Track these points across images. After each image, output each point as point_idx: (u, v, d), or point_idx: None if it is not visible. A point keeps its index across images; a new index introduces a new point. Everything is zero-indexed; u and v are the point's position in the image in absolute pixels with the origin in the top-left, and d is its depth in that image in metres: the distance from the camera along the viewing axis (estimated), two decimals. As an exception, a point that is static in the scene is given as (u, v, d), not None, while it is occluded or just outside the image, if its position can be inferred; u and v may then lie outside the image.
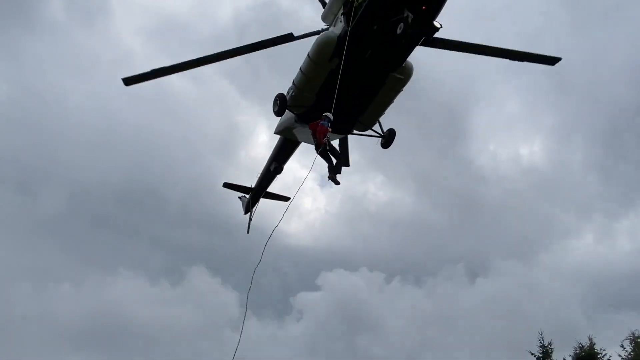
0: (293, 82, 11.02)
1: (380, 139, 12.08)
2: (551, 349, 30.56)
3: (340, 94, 10.16)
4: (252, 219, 16.70)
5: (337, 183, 11.53)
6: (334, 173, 11.43)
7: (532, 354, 30.73)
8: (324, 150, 11.10)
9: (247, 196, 16.80)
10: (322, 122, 11.21)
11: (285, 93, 11.26)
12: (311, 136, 12.63)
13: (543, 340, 31.08)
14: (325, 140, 11.13)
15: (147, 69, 11.43)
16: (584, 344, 27.53)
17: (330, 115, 11.18)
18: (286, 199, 17.49)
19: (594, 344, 27.52)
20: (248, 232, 17.18)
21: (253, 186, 16.18)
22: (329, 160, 11.56)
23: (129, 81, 11.46)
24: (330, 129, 10.67)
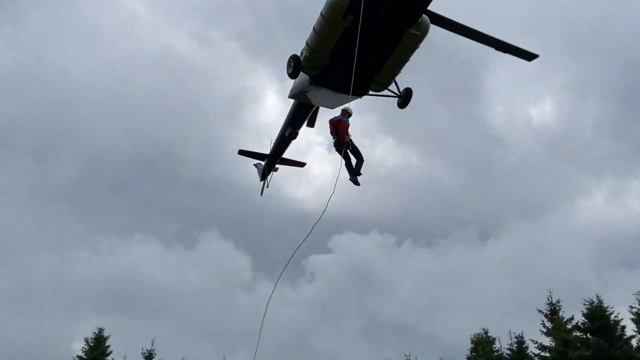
0: (306, 42, 10.89)
1: (397, 98, 12.03)
2: (559, 306, 31.24)
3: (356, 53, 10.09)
4: (268, 185, 16.86)
5: (357, 184, 11.37)
6: (355, 174, 11.28)
7: (540, 311, 31.48)
8: (345, 149, 11.01)
9: (263, 163, 16.91)
10: (343, 118, 11.15)
11: (299, 54, 11.18)
12: (327, 100, 12.60)
13: (551, 298, 31.76)
14: (348, 138, 11.05)
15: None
16: (593, 301, 27.89)
17: (350, 109, 11.13)
18: (302, 164, 17.63)
19: (602, 301, 27.90)
20: (262, 195, 17.31)
21: (268, 152, 16.28)
22: (348, 159, 11.39)
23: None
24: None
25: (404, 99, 11.92)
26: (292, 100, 13.48)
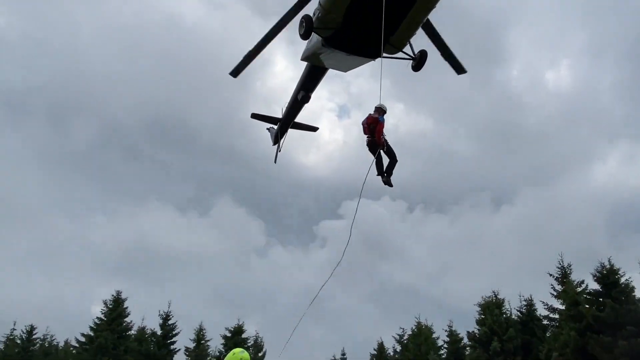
0: (319, 2, 10.68)
1: (411, 61, 11.82)
2: (570, 270, 31.47)
3: (369, 13, 9.87)
4: (281, 149, 16.86)
5: (390, 185, 10.93)
6: (388, 175, 10.85)
7: (550, 275, 31.76)
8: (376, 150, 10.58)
9: (275, 127, 16.86)
10: (379, 117, 10.59)
11: (311, 15, 10.96)
12: (340, 63, 12.40)
13: (562, 262, 31.96)
14: (384, 138, 10.60)
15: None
16: (604, 264, 27.97)
17: (384, 106, 10.65)
18: (314, 129, 17.54)
19: (613, 264, 27.96)
20: (275, 162, 17.36)
21: (281, 117, 16.20)
22: (379, 158, 10.91)
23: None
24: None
25: (419, 61, 11.70)
26: (305, 63, 13.32)
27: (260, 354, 40.30)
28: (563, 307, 29.05)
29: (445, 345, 39.15)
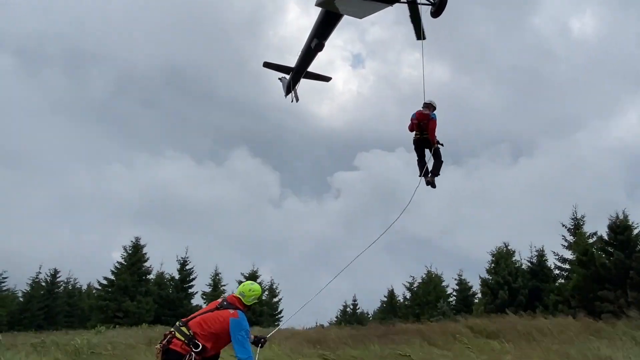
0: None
1: (430, 7, 11.40)
2: (583, 221, 31.51)
3: None
4: (298, 99, 16.64)
5: (434, 186, 10.46)
6: (433, 175, 10.35)
7: (563, 225, 31.89)
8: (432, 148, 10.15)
9: (288, 77, 16.60)
10: (431, 114, 10.07)
11: None
12: (355, 8, 11.99)
13: (576, 213, 31.98)
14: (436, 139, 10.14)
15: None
16: (618, 216, 27.85)
17: (434, 102, 10.22)
18: (327, 79, 17.22)
19: (627, 216, 27.84)
20: (297, 101, 16.89)
21: (293, 66, 15.90)
22: (422, 157, 10.48)
23: None
24: None
25: (438, 7, 11.27)
26: (319, 9, 12.91)
27: (275, 299, 41.77)
28: (573, 258, 29.30)
29: (455, 293, 40.11)
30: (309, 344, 15.87)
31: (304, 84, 16.64)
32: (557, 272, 32.16)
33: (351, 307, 48.49)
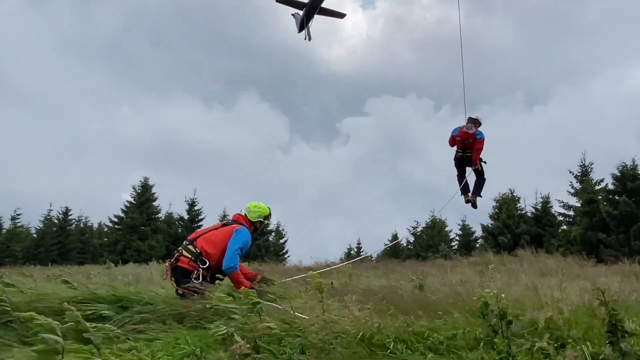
0: None
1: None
2: (591, 168, 31.55)
3: None
4: (310, 37, 16.26)
5: (475, 206, 9.88)
6: (474, 194, 9.77)
7: (571, 172, 31.98)
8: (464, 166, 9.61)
9: (301, 13, 16.13)
10: (477, 132, 9.31)
11: None
12: None
13: (584, 160, 31.97)
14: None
15: None
16: (626, 163, 27.80)
17: (480, 117, 9.53)
18: (342, 15, 16.75)
19: (637, 164, 27.78)
20: (310, 40, 16.57)
21: (307, 0, 15.42)
22: (463, 173, 9.88)
23: None
24: None
25: None
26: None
27: (281, 241, 42.76)
28: (579, 205, 29.56)
29: (457, 238, 40.88)
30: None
31: (315, 24, 16.18)
32: (560, 218, 32.55)
33: (355, 249, 49.63)
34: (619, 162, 27.60)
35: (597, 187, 29.02)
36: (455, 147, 9.79)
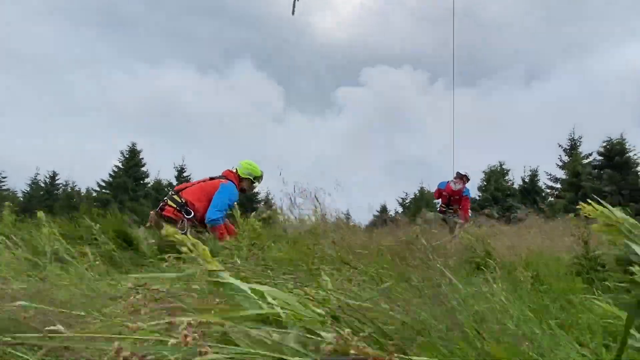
0: None
1: None
2: (580, 142, 31.72)
3: None
4: (293, 11, 15.76)
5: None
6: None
7: (560, 145, 32.17)
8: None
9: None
10: (464, 189, 9.26)
11: None
12: None
13: (574, 133, 32.12)
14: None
15: None
16: (613, 138, 27.90)
17: (468, 174, 9.57)
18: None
19: (624, 139, 27.90)
20: (293, 14, 16.41)
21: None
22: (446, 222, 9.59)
23: None
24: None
25: None
26: None
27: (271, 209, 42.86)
28: (566, 177, 29.82)
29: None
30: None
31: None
32: (548, 191, 32.86)
33: (345, 219, 49.91)
34: (606, 137, 27.78)
35: (585, 161, 29.22)
36: (439, 202, 9.82)
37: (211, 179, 5.61)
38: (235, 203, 5.25)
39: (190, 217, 5.12)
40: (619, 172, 25.52)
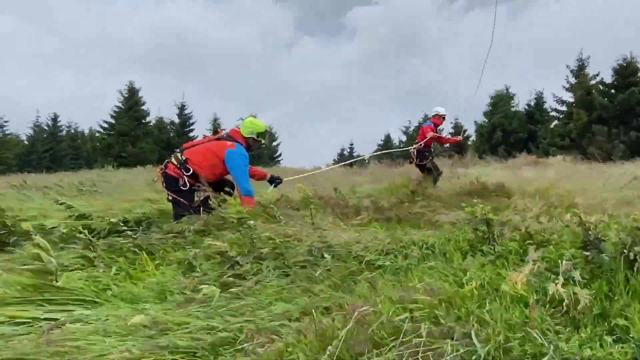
0: None
1: None
2: (588, 62, 30.94)
3: None
4: None
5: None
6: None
7: (567, 66, 31.44)
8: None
9: None
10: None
11: None
12: None
13: (582, 54, 31.26)
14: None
15: None
16: (625, 57, 27.14)
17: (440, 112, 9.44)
18: None
19: (634, 57, 27.17)
20: None
21: None
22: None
23: None
24: None
25: None
26: None
27: (274, 143, 42.85)
28: (573, 100, 29.39)
29: (449, 136, 40.95)
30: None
31: None
32: (553, 114, 32.53)
33: (348, 150, 50.07)
34: (620, 55, 27.00)
35: (592, 82, 28.66)
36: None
37: (217, 139, 5.67)
38: None
39: (189, 174, 5.24)
40: (629, 94, 25.02)
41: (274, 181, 5.93)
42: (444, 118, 9.80)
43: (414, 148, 9.60)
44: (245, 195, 5.26)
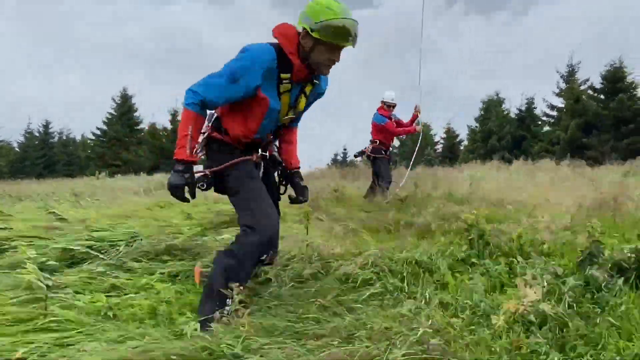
0: None
1: None
2: (578, 67, 31.24)
3: None
4: None
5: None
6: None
7: (557, 72, 31.73)
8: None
9: None
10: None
11: None
12: None
13: (572, 59, 31.58)
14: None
15: None
16: (614, 62, 27.44)
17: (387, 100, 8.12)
18: None
19: (623, 62, 27.46)
20: None
21: None
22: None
23: None
24: None
25: None
26: None
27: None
28: (563, 105, 29.65)
29: (442, 142, 41.25)
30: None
31: None
32: (544, 118, 32.79)
33: (341, 155, 50.24)
34: (610, 61, 27.29)
35: (582, 87, 28.95)
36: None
37: None
38: None
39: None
40: (619, 100, 25.30)
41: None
42: (393, 107, 8.21)
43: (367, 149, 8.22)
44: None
